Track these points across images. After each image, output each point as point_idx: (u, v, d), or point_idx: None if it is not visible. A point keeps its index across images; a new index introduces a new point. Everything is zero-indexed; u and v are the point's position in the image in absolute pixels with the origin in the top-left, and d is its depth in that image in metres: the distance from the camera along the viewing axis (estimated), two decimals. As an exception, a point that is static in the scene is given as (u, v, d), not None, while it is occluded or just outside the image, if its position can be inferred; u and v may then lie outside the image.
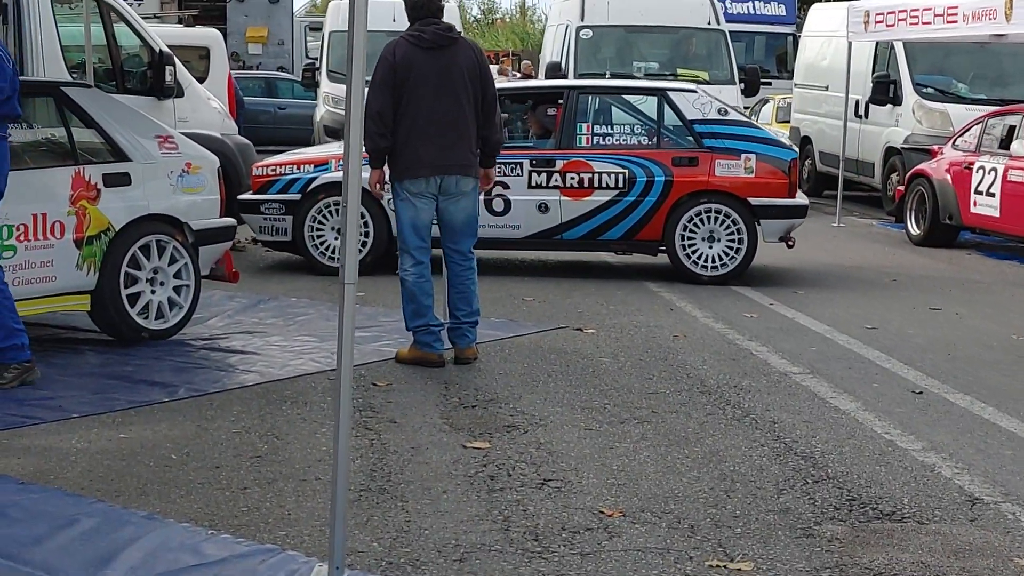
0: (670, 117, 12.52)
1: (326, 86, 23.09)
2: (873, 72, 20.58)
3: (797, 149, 13.06)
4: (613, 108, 13.02)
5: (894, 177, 19.66)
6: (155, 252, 9.14)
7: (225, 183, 9.94)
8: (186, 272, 9.32)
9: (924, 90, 19.69)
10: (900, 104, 19.84)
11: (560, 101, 12.65)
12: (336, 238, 12.29)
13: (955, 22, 15.33)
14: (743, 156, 12.34)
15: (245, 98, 24.73)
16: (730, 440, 6.99)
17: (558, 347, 9.29)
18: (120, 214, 8.94)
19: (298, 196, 12.32)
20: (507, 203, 12.31)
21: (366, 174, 8.19)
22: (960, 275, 13.75)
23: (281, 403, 7.60)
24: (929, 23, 15.92)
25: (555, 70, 19.74)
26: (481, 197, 11.93)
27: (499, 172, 11.99)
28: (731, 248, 12.32)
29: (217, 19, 30.95)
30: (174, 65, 13.16)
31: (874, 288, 12.50)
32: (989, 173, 15.12)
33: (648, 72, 20.08)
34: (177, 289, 9.28)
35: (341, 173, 12.08)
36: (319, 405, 7.57)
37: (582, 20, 20.48)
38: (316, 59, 25.22)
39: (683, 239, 12.30)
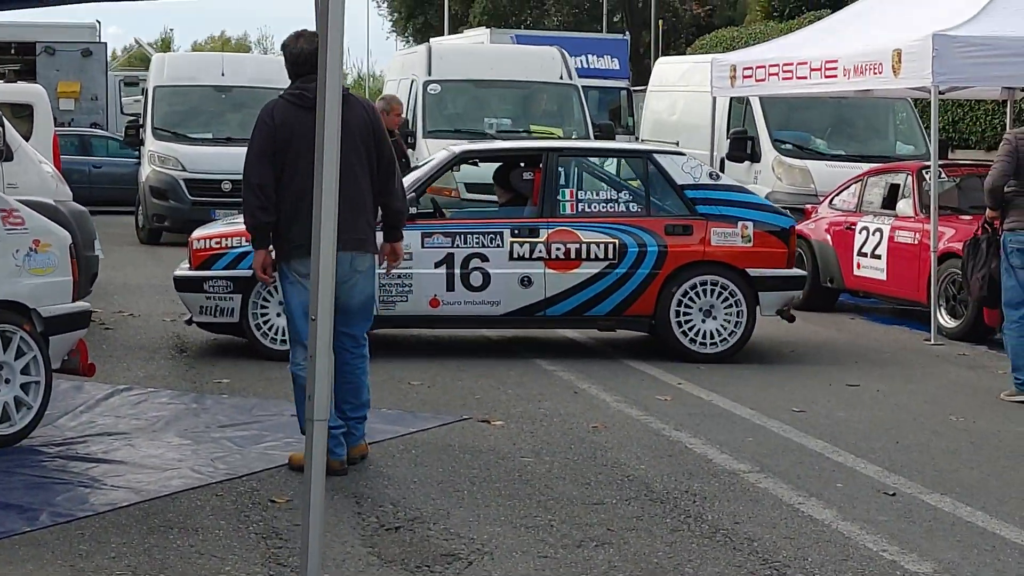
0: (658, 181, 11.56)
1: (151, 144, 21.68)
2: (728, 128, 19.91)
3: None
4: (596, 172, 12.08)
5: (754, 236, 18.96)
6: (-1, 345, 7.85)
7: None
8: (35, 366, 8.02)
9: (783, 146, 19.11)
10: (759, 160, 19.21)
11: (538, 164, 11.55)
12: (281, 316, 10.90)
13: (834, 76, 14.62)
14: (740, 223, 11.42)
15: (60, 156, 23.17)
16: (712, 567, 5.96)
17: (470, 444, 8.18)
18: (-42, 301, 7.64)
19: (249, 272, 10.94)
20: (486, 277, 11.11)
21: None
22: (856, 343, 12.96)
23: (166, 531, 6.37)
24: (804, 78, 15.19)
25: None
26: (445, 271, 11.01)
27: (477, 243, 10.98)
28: (728, 323, 11.38)
29: (27, 73, 29.23)
30: (3, 125, 11.80)
31: (778, 361, 11.62)
32: (874, 234, 14.42)
33: (500, 129, 19.14)
34: (25, 387, 7.98)
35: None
36: (213, 532, 6.36)
37: (429, 75, 19.45)
38: (138, 115, 23.74)
39: (679, 314, 11.32)
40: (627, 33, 38.35)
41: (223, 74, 22.71)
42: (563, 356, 11.47)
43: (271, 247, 7.48)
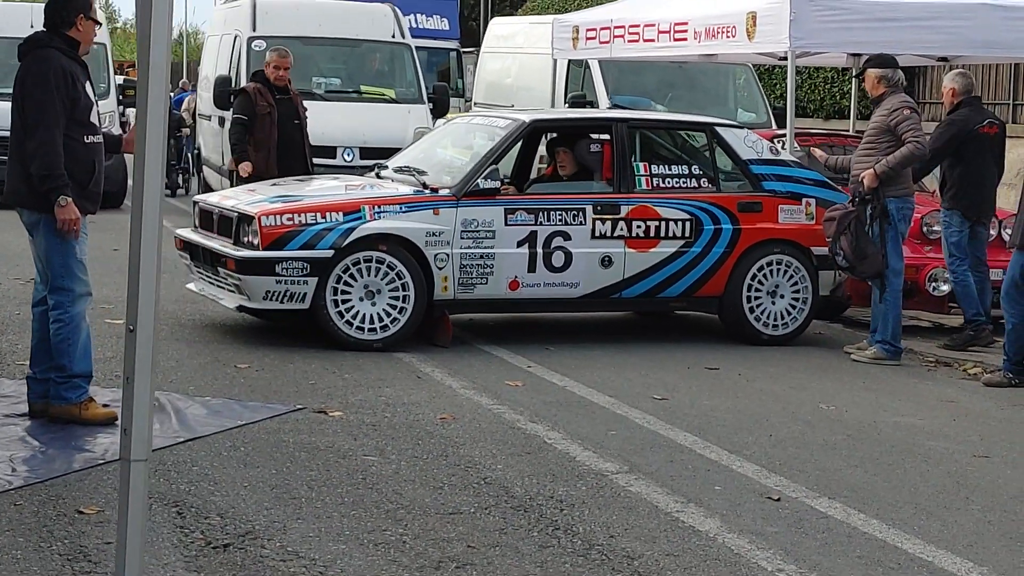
0: (722, 156, 11.04)
1: None
2: (566, 92, 19.20)
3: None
4: (665, 145, 11.40)
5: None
6: None
7: None
8: None
9: (623, 112, 18.44)
10: (599, 126, 18.51)
11: (603, 136, 11.01)
12: (365, 300, 9.93)
13: (684, 40, 13.97)
14: (804, 200, 10.98)
15: None
16: (592, 593, 5.22)
17: (305, 441, 7.32)
18: None
19: (330, 252, 9.79)
20: (568, 256, 10.32)
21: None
22: (709, 322, 12.29)
23: (-46, 551, 5.44)
24: (652, 40, 14.51)
25: (224, 85, 17.54)
26: (527, 251, 10.21)
27: (560, 220, 10.28)
28: (795, 303, 10.93)
29: None
30: None
31: (630, 341, 10.94)
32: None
33: (329, 88, 18.15)
34: None
35: (382, 222, 9.90)
36: (9, 552, 5.43)
37: (254, 30, 18.32)
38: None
39: (749, 293, 10.78)
40: (455, -7, 37.40)
41: (32, 25, 21.27)
42: (402, 335, 10.64)
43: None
